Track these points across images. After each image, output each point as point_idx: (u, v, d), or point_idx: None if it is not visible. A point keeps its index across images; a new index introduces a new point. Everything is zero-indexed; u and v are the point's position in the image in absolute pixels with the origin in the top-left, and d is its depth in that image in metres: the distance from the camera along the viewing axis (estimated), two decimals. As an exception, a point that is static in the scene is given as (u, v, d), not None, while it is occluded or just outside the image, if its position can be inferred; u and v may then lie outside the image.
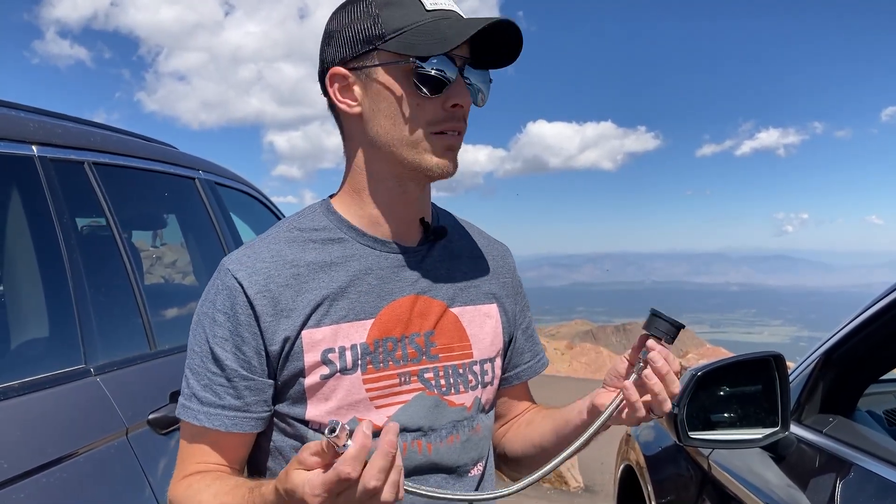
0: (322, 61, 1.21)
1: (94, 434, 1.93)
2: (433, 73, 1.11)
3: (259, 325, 1.14)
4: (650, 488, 2.64)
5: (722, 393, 1.85)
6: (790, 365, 2.08)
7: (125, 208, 2.63)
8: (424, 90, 1.12)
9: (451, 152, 1.17)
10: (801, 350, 2.06)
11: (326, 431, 0.89)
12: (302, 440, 1.18)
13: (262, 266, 1.17)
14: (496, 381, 1.34)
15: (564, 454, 1.17)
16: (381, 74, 1.14)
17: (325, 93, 1.22)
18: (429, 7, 1.13)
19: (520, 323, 1.41)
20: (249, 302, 1.14)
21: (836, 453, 1.66)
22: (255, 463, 1.27)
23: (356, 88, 1.18)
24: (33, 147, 2.11)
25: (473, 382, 1.27)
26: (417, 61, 1.11)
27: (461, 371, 1.26)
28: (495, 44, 1.15)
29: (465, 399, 1.26)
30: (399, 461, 0.95)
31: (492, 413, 1.34)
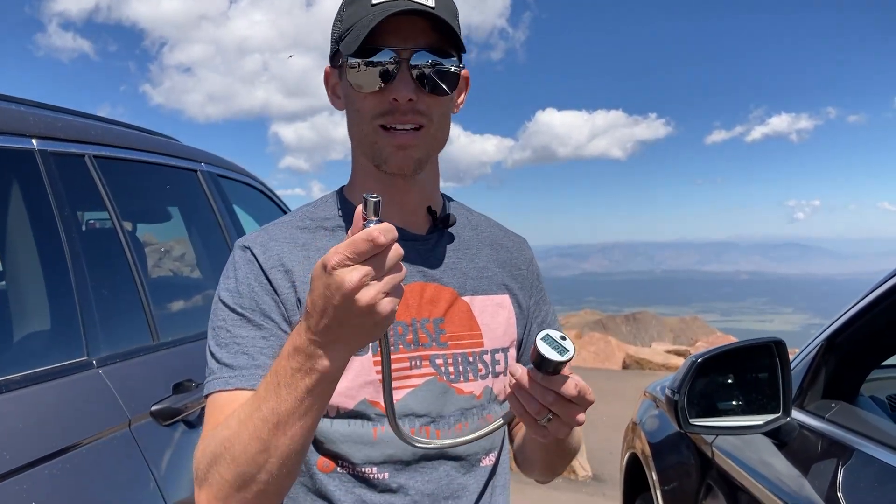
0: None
1: (97, 426, 1.94)
2: (361, 70, 1.14)
3: (278, 295, 1.17)
4: (655, 476, 2.64)
5: (723, 379, 1.85)
6: (794, 351, 2.07)
7: (127, 201, 2.63)
8: (361, 87, 1.15)
9: (402, 151, 1.17)
10: (812, 338, 2.05)
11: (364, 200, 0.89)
12: None
13: (274, 244, 1.21)
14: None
15: (465, 438, 1.15)
16: (346, 73, 1.17)
17: None
18: (374, 1, 1.13)
19: (535, 316, 1.39)
20: (266, 275, 1.18)
21: (838, 439, 1.65)
22: None
23: (339, 87, 1.24)
24: (33, 141, 2.11)
25: (484, 371, 1.27)
26: (350, 59, 1.14)
27: (471, 359, 1.25)
28: (439, 29, 1.14)
29: (475, 388, 1.25)
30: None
31: (506, 403, 1.30)
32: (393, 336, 1.19)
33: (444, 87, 1.17)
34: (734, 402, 1.84)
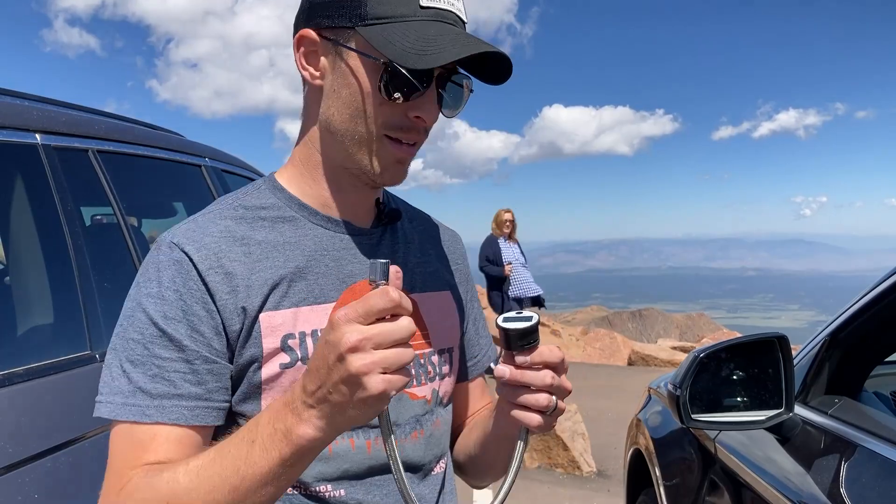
0: (298, 15, 1.11)
1: (100, 420, 1.95)
2: (404, 81, 1.01)
3: (215, 303, 1.01)
4: (658, 472, 2.63)
5: (726, 375, 1.85)
6: (798, 347, 2.06)
7: (130, 196, 2.64)
8: (390, 94, 1.02)
9: (400, 165, 1.08)
10: (815, 334, 2.05)
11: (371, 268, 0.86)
12: None
13: (210, 241, 1.05)
14: (454, 374, 1.26)
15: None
16: (352, 58, 1.04)
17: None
18: (424, 3, 1.01)
19: (469, 313, 1.34)
20: (201, 277, 1.01)
21: (841, 435, 1.65)
22: None
23: (323, 60, 1.07)
24: (37, 135, 2.12)
25: (432, 374, 1.19)
26: (391, 62, 0.99)
27: (422, 362, 1.18)
28: (484, 60, 1.05)
29: (426, 391, 1.18)
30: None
31: (450, 407, 1.27)
32: None
33: (460, 108, 1.10)
34: (737, 398, 1.83)
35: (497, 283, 8.86)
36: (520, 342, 0.97)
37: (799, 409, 1.84)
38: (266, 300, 1.04)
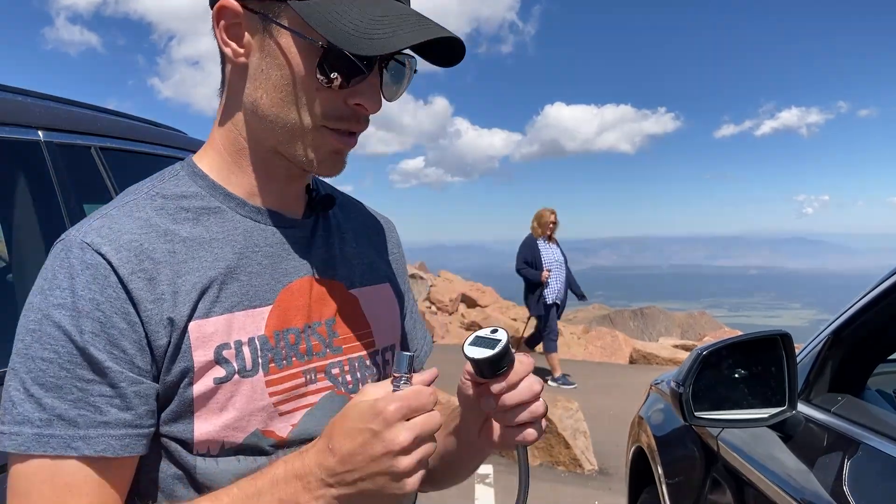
0: None
1: None
2: (345, 65, 0.90)
3: (138, 313, 0.87)
4: (660, 469, 2.63)
5: (729, 372, 1.84)
6: (799, 346, 2.06)
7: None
8: (328, 80, 0.90)
9: (338, 156, 0.97)
10: (818, 332, 2.05)
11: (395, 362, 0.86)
12: (189, 471, 0.93)
13: (129, 239, 0.90)
14: None
15: None
16: (283, 37, 0.91)
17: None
18: None
19: (407, 303, 1.25)
20: (122, 284, 0.87)
21: (844, 432, 1.65)
22: None
23: (248, 35, 0.93)
24: (39, 132, 2.12)
25: (378, 375, 1.10)
26: (330, 44, 0.87)
27: (367, 363, 1.08)
28: (435, 41, 0.92)
29: None
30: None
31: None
32: (285, 347, 0.98)
33: (401, 91, 0.99)
34: (740, 396, 1.83)
35: (534, 286, 8.64)
36: (491, 370, 0.91)
37: (802, 407, 1.83)
38: (195, 307, 0.91)
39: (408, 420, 0.82)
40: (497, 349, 0.90)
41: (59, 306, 0.85)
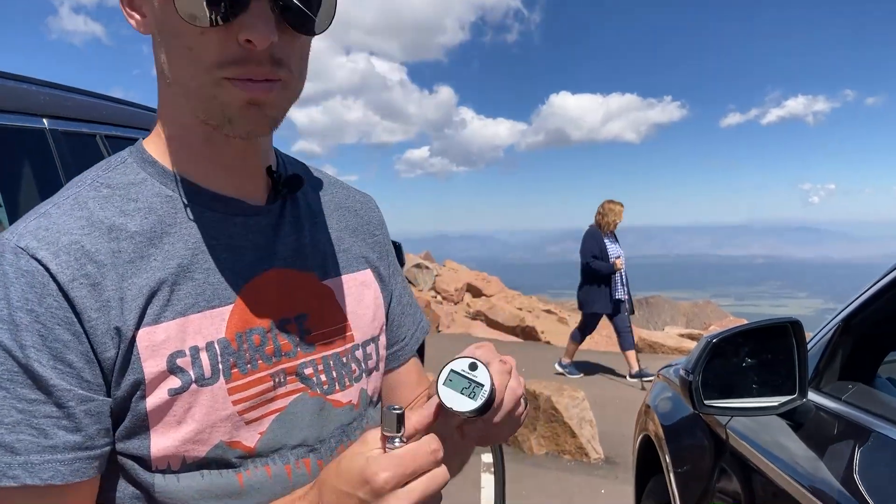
0: None
1: None
2: None
3: (82, 323, 0.79)
4: (668, 458, 2.62)
5: (738, 360, 1.83)
6: (807, 335, 2.05)
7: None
8: (199, 17, 0.76)
9: (254, 108, 0.82)
10: (828, 320, 2.04)
11: (384, 413, 0.76)
12: (146, 489, 0.85)
13: (68, 241, 0.81)
14: (381, 365, 1.09)
15: None
16: None
17: None
18: None
19: (393, 288, 1.15)
20: (63, 291, 0.78)
21: (855, 420, 1.63)
22: None
23: (147, 2, 0.85)
24: (44, 120, 2.11)
25: (357, 372, 1.01)
26: None
27: (344, 360, 0.99)
28: None
29: (352, 395, 1.00)
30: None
31: (380, 405, 1.11)
32: (249, 350, 0.89)
33: (314, 18, 0.83)
34: (749, 384, 1.82)
35: (602, 281, 8.05)
36: (474, 416, 0.82)
37: (812, 395, 1.82)
38: (143, 313, 0.82)
39: (404, 486, 0.73)
40: (480, 401, 0.79)
41: None
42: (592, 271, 8.06)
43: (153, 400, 0.82)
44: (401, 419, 0.74)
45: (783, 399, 1.76)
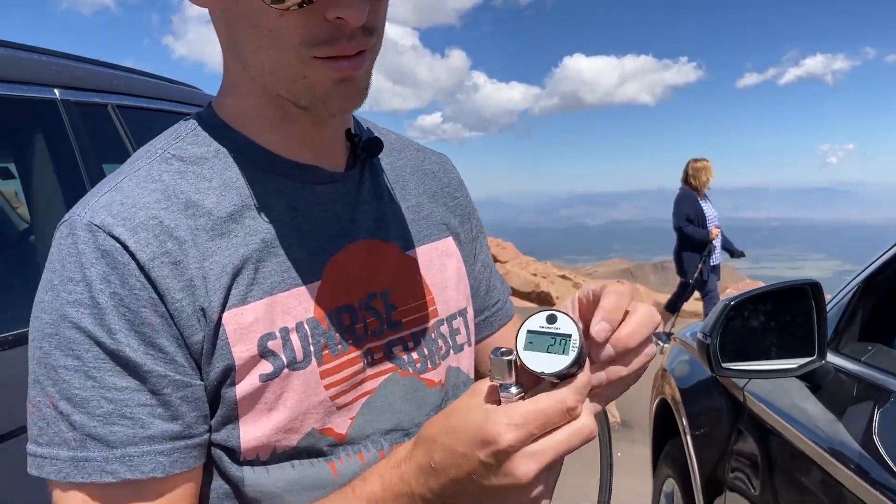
0: None
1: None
2: None
3: (166, 305, 0.73)
4: (685, 421, 2.63)
5: (756, 323, 1.82)
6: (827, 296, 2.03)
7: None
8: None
9: (348, 83, 0.76)
10: (847, 281, 2.02)
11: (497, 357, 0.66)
12: (236, 484, 0.79)
13: (145, 215, 0.74)
14: (473, 339, 1.01)
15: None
16: None
17: None
18: None
19: (478, 254, 1.07)
20: (144, 272, 0.72)
21: (874, 381, 1.62)
22: None
23: None
24: (56, 90, 2.10)
25: (444, 349, 0.94)
26: None
27: (432, 336, 0.92)
28: None
29: (441, 374, 0.93)
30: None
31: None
32: (339, 330, 0.83)
33: None
34: (767, 346, 1.81)
35: (697, 246, 7.53)
36: (566, 375, 0.67)
37: (831, 357, 1.81)
38: (228, 293, 0.76)
39: (533, 442, 0.64)
40: (573, 353, 0.66)
41: (74, 303, 0.71)
42: (685, 236, 7.57)
43: (244, 387, 0.76)
44: (511, 364, 0.66)
45: (802, 361, 1.75)
